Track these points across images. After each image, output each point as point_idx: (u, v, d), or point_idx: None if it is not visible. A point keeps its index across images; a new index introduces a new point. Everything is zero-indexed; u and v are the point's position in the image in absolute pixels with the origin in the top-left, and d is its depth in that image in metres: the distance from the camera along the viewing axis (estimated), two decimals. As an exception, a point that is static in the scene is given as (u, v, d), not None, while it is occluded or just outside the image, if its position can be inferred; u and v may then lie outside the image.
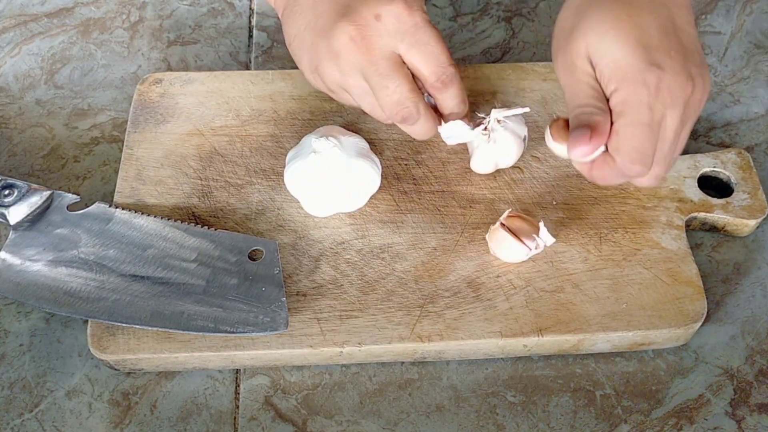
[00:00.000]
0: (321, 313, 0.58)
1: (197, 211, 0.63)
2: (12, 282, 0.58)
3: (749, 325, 0.61)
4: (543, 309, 0.58)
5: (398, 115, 0.58)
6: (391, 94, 0.57)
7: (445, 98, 0.60)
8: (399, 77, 0.57)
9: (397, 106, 0.58)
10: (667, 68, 0.53)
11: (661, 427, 0.56)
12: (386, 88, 0.57)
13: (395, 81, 0.57)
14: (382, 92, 0.58)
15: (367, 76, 0.57)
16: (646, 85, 0.52)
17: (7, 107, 0.72)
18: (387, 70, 0.57)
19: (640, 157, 0.53)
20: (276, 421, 0.56)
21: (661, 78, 0.53)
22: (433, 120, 0.60)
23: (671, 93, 0.53)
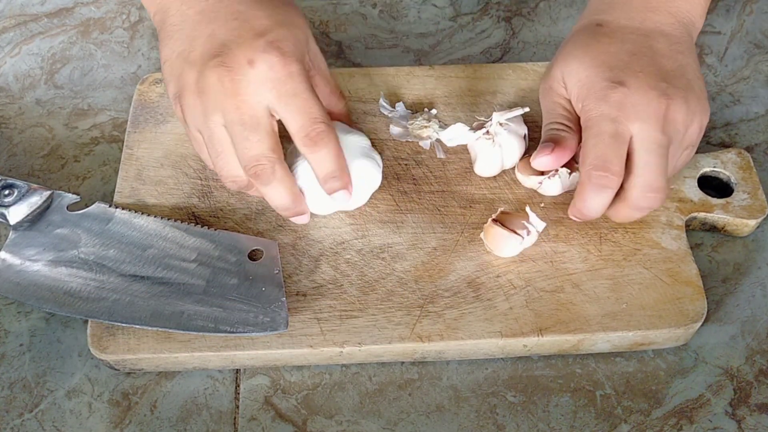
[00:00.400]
0: (321, 313, 0.58)
1: (197, 211, 0.63)
2: (12, 282, 0.58)
3: (749, 325, 0.61)
4: (543, 309, 0.58)
5: (251, 170, 0.56)
6: (250, 147, 0.55)
7: (315, 159, 0.56)
8: (261, 131, 0.55)
9: (253, 161, 0.55)
10: (632, 86, 0.56)
11: (661, 427, 0.56)
12: (246, 140, 0.55)
13: (257, 134, 0.55)
14: (241, 144, 0.55)
15: (229, 123, 0.55)
16: (608, 100, 0.56)
17: (7, 107, 0.72)
18: (251, 120, 0.55)
19: (602, 163, 0.56)
20: (276, 421, 0.56)
21: (626, 94, 0.56)
22: (288, 190, 0.57)
23: (636, 107, 0.56)
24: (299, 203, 0.59)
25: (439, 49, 0.77)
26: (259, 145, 0.55)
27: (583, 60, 0.58)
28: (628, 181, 0.56)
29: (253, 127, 0.55)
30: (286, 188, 0.57)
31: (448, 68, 0.71)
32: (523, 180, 0.63)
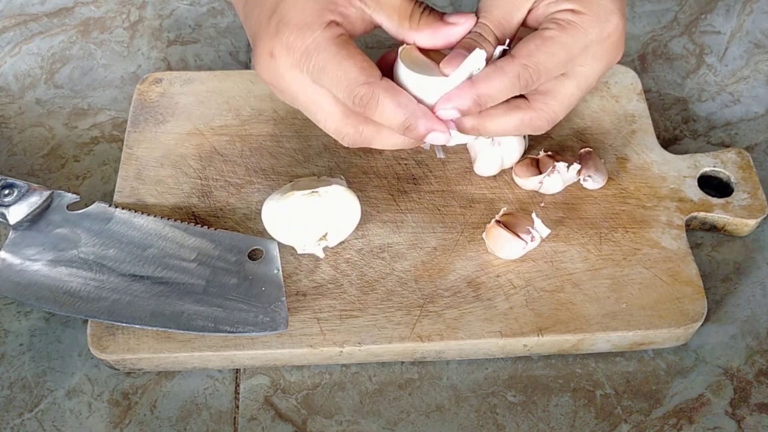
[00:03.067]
0: (321, 312, 0.58)
1: (197, 211, 0.63)
2: (12, 282, 0.58)
3: (749, 325, 0.61)
4: (543, 309, 0.58)
5: (345, 142, 0.54)
6: (326, 125, 0.53)
7: (378, 119, 0.52)
8: (324, 106, 0.53)
9: (337, 135, 0.54)
10: (622, 25, 0.53)
11: (661, 427, 0.56)
12: (318, 122, 0.54)
13: (321, 113, 0.53)
14: (318, 123, 0.54)
15: (300, 109, 0.54)
16: (604, 26, 0.52)
17: (7, 107, 0.72)
18: (310, 105, 0.53)
19: (543, 71, 0.51)
20: (276, 420, 0.56)
21: (617, 29, 0.53)
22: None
23: (609, 49, 0.53)
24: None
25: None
26: (330, 120, 0.53)
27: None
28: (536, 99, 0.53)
29: (315, 110, 0.53)
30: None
31: (448, 68, 0.70)
32: (523, 183, 0.63)
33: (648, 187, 0.64)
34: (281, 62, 0.52)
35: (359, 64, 0.51)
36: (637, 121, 0.68)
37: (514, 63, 0.51)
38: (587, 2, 0.52)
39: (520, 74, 0.51)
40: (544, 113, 0.54)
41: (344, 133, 0.53)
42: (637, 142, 0.66)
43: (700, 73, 0.75)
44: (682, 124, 0.71)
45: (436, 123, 0.52)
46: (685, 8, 0.80)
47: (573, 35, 0.52)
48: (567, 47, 0.52)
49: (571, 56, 0.52)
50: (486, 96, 0.51)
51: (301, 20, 0.51)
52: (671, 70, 0.75)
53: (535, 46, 0.51)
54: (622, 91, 0.69)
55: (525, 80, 0.51)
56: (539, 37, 0.52)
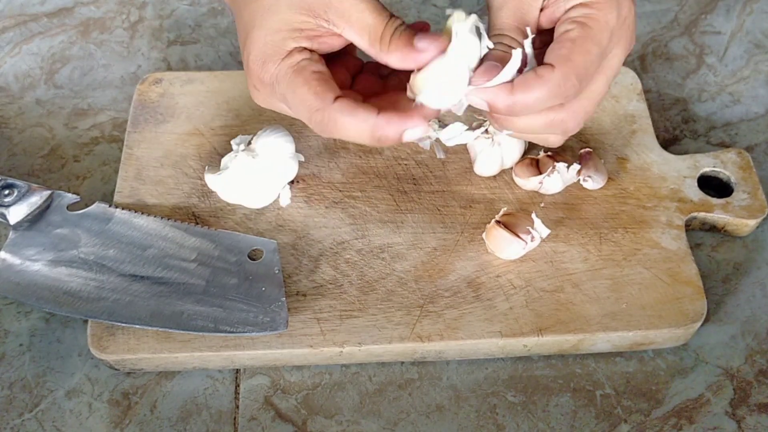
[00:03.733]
0: (321, 313, 0.58)
1: (197, 211, 0.63)
2: (12, 282, 0.58)
3: (749, 325, 0.61)
4: (543, 309, 0.58)
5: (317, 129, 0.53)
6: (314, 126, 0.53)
7: (347, 138, 0.52)
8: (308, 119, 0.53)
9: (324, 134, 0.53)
10: (633, 8, 0.52)
11: (661, 427, 0.56)
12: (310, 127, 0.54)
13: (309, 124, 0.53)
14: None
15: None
16: (619, 10, 0.51)
17: (7, 107, 0.72)
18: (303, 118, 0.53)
19: (584, 73, 0.50)
20: (276, 421, 0.56)
21: (630, 11, 0.52)
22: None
23: (627, 32, 0.52)
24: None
25: (439, 49, 0.77)
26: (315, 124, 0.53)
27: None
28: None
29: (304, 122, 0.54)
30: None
31: (448, 68, 0.70)
32: (523, 183, 0.63)
33: (648, 187, 0.64)
34: (263, 93, 0.54)
35: (313, 89, 0.51)
36: (637, 122, 0.68)
37: (555, 72, 0.49)
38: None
39: (560, 84, 0.49)
40: (576, 114, 0.52)
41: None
42: (637, 142, 0.66)
43: (700, 74, 0.75)
44: (682, 124, 0.71)
45: (404, 121, 0.50)
46: (685, 8, 0.80)
47: (597, 28, 0.50)
48: (596, 41, 0.50)
49: (602, 49, 0.51)
50: (522, 105, 0.50)
51: (263, 54, 0.52)
52: (671, 70, 0.75)
53: (567, 50, 0.50)
54: (622, 91, 0.69)
55: (567, 89, 0.50)
56: (567, 40, 0.50)
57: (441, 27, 0.77)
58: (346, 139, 0.52)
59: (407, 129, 0.50)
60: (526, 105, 0.50)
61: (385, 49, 0.51)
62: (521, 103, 0.50)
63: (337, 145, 0.66)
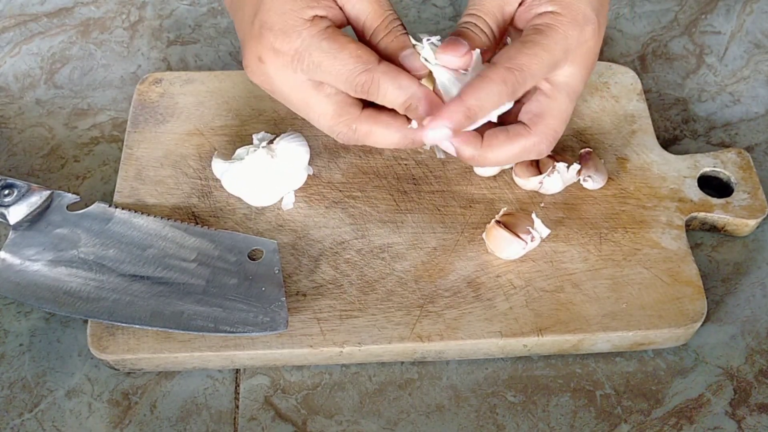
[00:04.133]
0: (321, 313, 0.58)
1: (197, 211, 0.63)
2: (12, 282, 0.58)
3: (749, 325, 0.61)
4: (543, 309, 0.58)
5: (340, 140, 0.54)
6: (320, 123, 0.54)
7: (381, 102, 0.52)
8: (317, 105, 0.53)
9: (331, 133, 0.54)
10: (598, 34, 0.53)
11: (661, 427, 0.56)
12: (311, 120, 0.54)
13: (315, 111, 0.53)
14: (312, 122, 0.54)
15: (294, 110, 0.55)
16: (582, 31, 0.52)
17: (7, 107, 0.72)
18: (303, 105, 0.53)
19: (529, 75, 0.51)
20: (276, 421, 0.56)
21: (594, 37, 0.53)
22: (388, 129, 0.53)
23: (586, 55, 0.53)
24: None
25: (439, 49, 0.77)
26: (323, 119, 0.53)
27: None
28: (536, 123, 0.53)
29: (307, 108, 0.54)
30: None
31: (448, 68, 0.71)
32: (523, 183, 0.63)
33: (648, 187, 0.64)
34: (270, 66, 0.52)
35: (354, 53, 0.51)
36: (637, 122, 0.68)
37: (497, 69, 0.50)
38: (566, 5, 0.52)
39: (505, 79, 0.50)
40: (546, 136, 0.53)
41: (337, 131, 0.54)
42: (637, 142, 0.66)
43: (700, 73, 0.75)
44: (682, 124, 0.71)
45: (437, 110, 0.51)
46: (685, 8, 0.80)
47: (552, 37, 0.51)
48: (548, 49, 0.51)
49: (554, 59, 0.52)
50: (476, 107, 0.50)
51: (284, 23, 0.51)
52: (671, 70, 0.75)
53: (515, 50, 0.51)
54: (622, 91, 0.69)
55: (512, 84, 0.50)
56: (519, 42, 0.51)
57: (441, 26, 0.78)
58: (382, 102, 0.52)
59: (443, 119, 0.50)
60: (480, 106, 0.50)
61: (374, 43, 0.52)
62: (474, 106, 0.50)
63: (337, 145, 0.66)
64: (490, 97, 0.50)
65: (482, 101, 0.50)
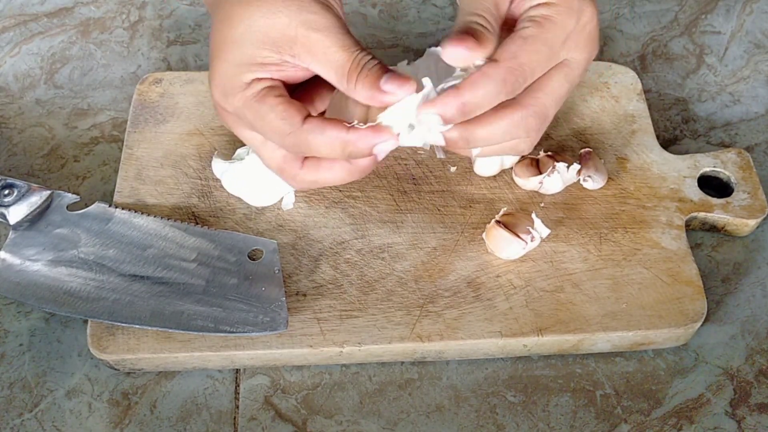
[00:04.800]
0: (321, 313, 0.58)
1: (197, 211, 0.63)
2: (12, 282, 0.58)
3: (749, 325, 0.61)
4: (543, 309, 0.58)
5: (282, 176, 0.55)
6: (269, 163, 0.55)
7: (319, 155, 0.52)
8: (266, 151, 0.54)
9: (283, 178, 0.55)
10: (596, 16, 0.53)
11: (661, 427, 0.56)
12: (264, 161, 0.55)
13: (265, 160, 0.55)
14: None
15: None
16: (579, 16, 0.51)
17: (7, 107, 0.72)
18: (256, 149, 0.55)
19: (529, 70, 0.50)
20: (276, 421, 0.56)
21: (592, 19, 0.52)
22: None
23: (587, 39, 0.52)
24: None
25: (439, 49, 0.77)
26: (275, 164, 0.54)
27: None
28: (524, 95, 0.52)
29: (261, 155, 0.55)
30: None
31: (448, 68, 0.71)
32: (523, 183, 0.63)
33: (648, 187, 0.64)
34: (227, 121, 0.54)
35: (280, 115, 0.50)
36: (637, 121, 0.68)
37: (499, 67, 0.49)
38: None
39: (506, 78, 0.49)
40: (534, 108, 0.52)
41: (287, 176, 0.54)
42: (637, 142, 0.66)
43: (700, 73, 0.75)
44: (682, 124, 0.71)
45: (374, 136, 0.50)
46: (685, 8, 0.80)
47: (551, 30, 0.51)
48: (548, 42, 0.51)
49: (554, 51, 0.51)
50: (472, 104, 0.49)
51: (223, 86, 0.52)
52: (671, 70, 0.75)
53: (516, 47, 0.50)
54: (622, 91, 0.69)
55: (512, 84, 0.50)
56: (519, 37, 0.50)
57: (441, 27, 0.78)
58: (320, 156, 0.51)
59: (377, 143, 0.50)
60: (476, 103, 0.49)
61: (351, 87, 0.50)
62: (470, 102, 0.49)
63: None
64: (488, 96, 0.49)
65: (479, 99, 0.49)
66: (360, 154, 0.50)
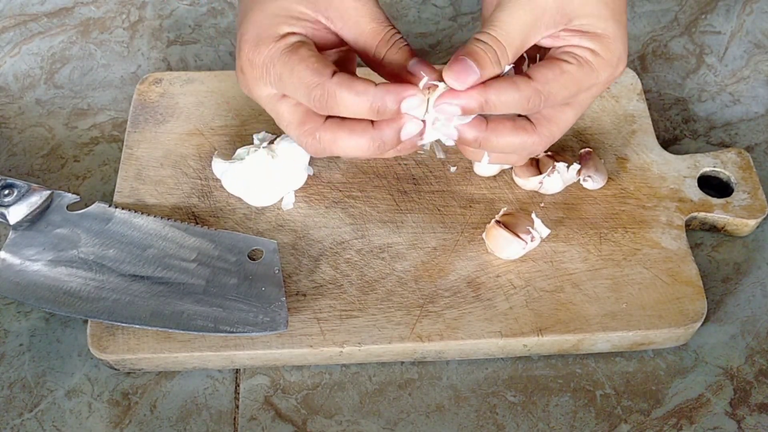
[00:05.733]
0: (321, 312, 0.58)
1: (197, 211, 0.63)
2: (12, 282, 0.58)
3: (749, 325, 0.61)
4: (543, 309, 0.58)
5: (308, 151, 0.53)
6: (288, 133, 0.54)
7: (342, 114, 0.51)
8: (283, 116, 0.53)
9: (298, 143, 0.53)
10: (624, 63, 0.54)
11: (661, 427, 0.56)
12: (283, 128, 0.54)
13: (283, 121, 0.53)
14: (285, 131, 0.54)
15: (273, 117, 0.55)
16: (614, 71, 0.53)
17: (7, 107, 0.72)
18: (273, 113, 0.54)
19: (554, 101, 0.51)
20: (276, 421, 0.56)
21: (621, 72, 0.53)
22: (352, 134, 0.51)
23: (606, 86, 0.54)
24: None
25: (439, 48, 0.77)
26: (290, 129, 0.53)
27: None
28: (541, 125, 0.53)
29: (277, 117, 0.54)
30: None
31: (448, 68, 0.70)
32: (523, 183, 0.63)
33: (648, 187, 0.64)
34: (249, 77, 0.53)
35: (310, 66, 0.50)
36: (637, 121, 0.68)
37: (529, 86, 0.50)
38: (606, 47, 0.52)
39: (531, 98, 0.50)
40: (546, 138, 0.53)
41: (304, 140, 0.53)
42: (637, 142, 0.66)
43: (700, 73, 0.75)
44: (682, 124, 0.71)
45: (403, 89, 0.49)
46: (685, 8, 0.80)
47: (588, 74, 0.52)
48: (579, 83, 0.52)
49: (579, 91, 0.53)
50: (493, 103, 0.50)
51: (257, 36, 0.52)
52: (671, 70, 0.75)
53: (553, 75, 0.51)
54: (622, 91, 0.69)
55: (533, 105, 0.51)
56: (558, 67, 0.51)
57: (441, 26, 0.78)
58: (345, 113, 0.50)
59: (407, 96, 0.49)
60: (496, 105, 0.50)
61: (378, 60, 0.51)
62: (492, 101, 0.50)
63: (337, 145, 0.66)
64: (509, 104, 0.50)
65: (500, 103, 0.50)
66: (387, 111, 0.50)
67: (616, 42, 0.52)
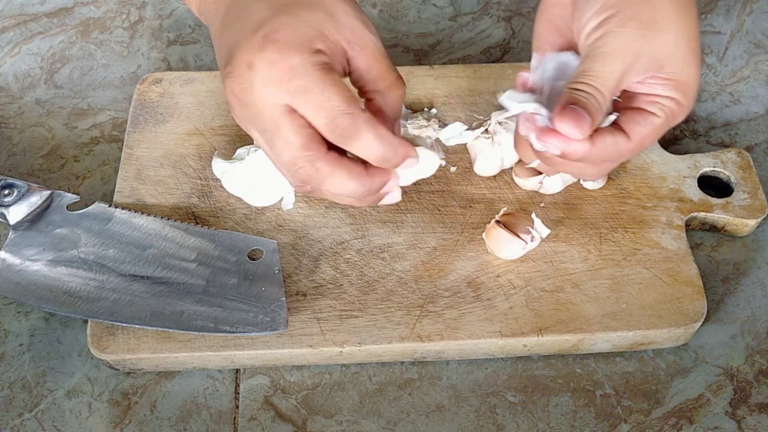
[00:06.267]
0: (321, 312, 0.58)
1: (197, 211, 0.63)
2: (12, 282, 0.58)
3: (749, 325, 0.61)
4: (543, 309, 0.58)
5: (296, 178, 0.51)
6: (280, 153, 0.50)
7: (356, 152, 0.50)
8: (285, 132, 0.50)
9: (290, 167, 0.50)
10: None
11: (661, 426, 0.56)
12: (273, 147, 0.51)
13: (280, 138, 0.50)
14: (272, 151, 0.51)
15: (259, 132, 0.51)
16: (691, 105, 0.54)
17: (7, 107, 0.72)
18: (272, 125, 0.50)
19: (643, 149, 0.55)
20: (276, 420, 0.56)
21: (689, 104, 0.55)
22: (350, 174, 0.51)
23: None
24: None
25: (439, 48, 0.77)
26: (287, 149, 0.50)
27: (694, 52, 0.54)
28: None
29: (275, 132, 0.50)
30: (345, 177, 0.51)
31: (448, 68, 0.71)
32: (523, 183, 0.63)
33: (648, 187, 0.64)
34: (258, 75, 0.50)
35: (343, 93, 0.49)
36: (637, 121, 0.68)
37: (628, 146, 0.53)
38: (687, 95, 0.54)
39: (623, 156, 0.54)
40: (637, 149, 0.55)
41: (298, 166, 0.50)
42: (637, 142, 0.66)
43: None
44: (682, 124, 0.71)
45: (413, 150, 0.52)
46: (685, 8, 0.80)
47: (670, 123, 0.54)
48: (662, 129, 0.54)
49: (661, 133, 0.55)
50: (594, 157, 0.53)
51: (291, 40, 0.50)
52: (671, 70, 0.75)
53: (646, 133, 0.53)
54: (622, 91, 0.69)
55: (627, 155, 0.55)
56: (650, 123, 0.53)
57: (441, 26, 0.78)
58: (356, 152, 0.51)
59: (411, 156, 0.52)
60: (593, 159, 0.53)
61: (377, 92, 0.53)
62: (593, 156, 0.52)
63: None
64: (606, 156, 0.53)
65: (600, 158, 0.53)
66: (391, 162, 0.51)
67: (695, 85, 0.54)
